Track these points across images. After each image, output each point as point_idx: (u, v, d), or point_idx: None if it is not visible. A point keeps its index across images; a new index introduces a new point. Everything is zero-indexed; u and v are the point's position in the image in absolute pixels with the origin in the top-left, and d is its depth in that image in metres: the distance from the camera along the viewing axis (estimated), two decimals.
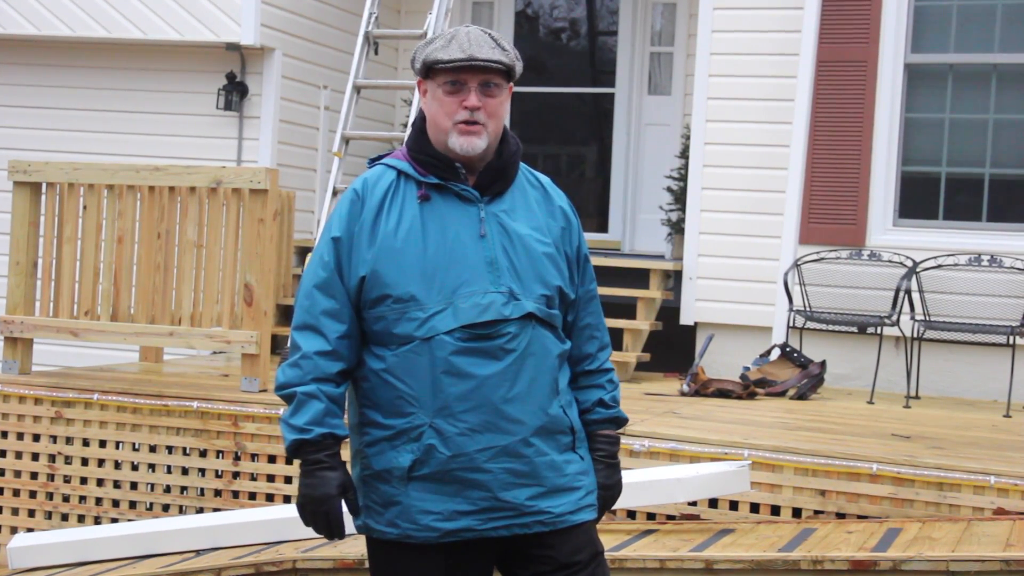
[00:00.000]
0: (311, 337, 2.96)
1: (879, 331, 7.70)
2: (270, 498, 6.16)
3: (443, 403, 2.91)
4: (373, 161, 3.14)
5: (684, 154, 9.26)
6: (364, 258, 2.96)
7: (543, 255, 3.03)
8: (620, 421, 3.21)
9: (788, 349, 7.80)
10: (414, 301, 2.93)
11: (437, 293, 2.92)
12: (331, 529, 2.97)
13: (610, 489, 3.16)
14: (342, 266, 2.98)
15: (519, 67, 3.05)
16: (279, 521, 5.60)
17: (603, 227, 10.13)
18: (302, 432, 2.92)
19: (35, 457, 6.62)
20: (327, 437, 2.93)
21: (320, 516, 2.95)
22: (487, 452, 2.92)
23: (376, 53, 8.60)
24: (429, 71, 3.01)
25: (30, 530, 6.44)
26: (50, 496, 6.57)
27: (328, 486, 2.93)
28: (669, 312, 8.62)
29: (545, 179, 3.19)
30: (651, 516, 5.53)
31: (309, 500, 2.95)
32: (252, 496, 6.22)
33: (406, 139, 3.11)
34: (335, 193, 8.13)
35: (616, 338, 8.21)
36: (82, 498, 6.53)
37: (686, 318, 8.56)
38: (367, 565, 4.80)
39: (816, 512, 5.35)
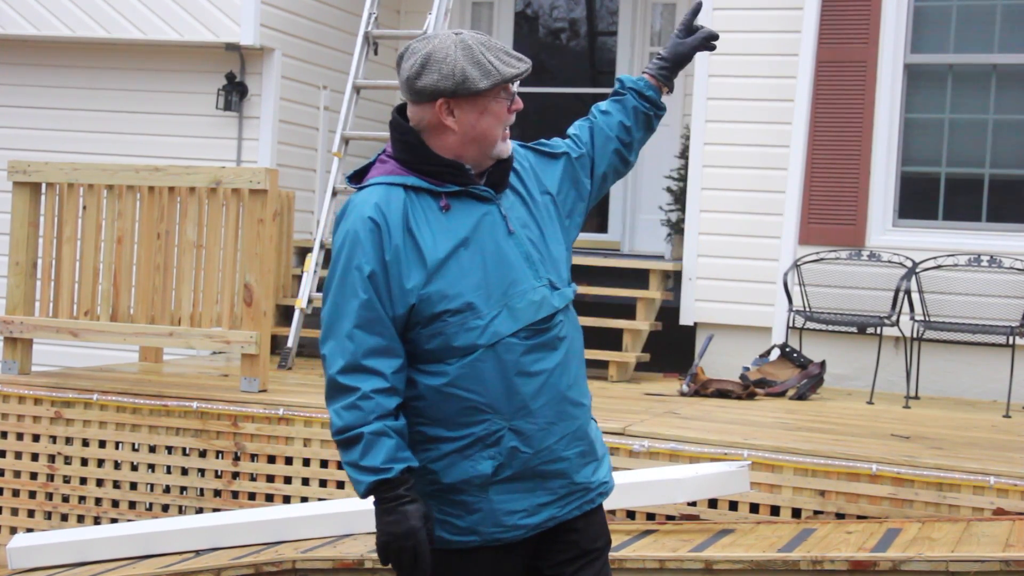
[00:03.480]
0: (365, 378, 2.86)
1: (879, 331, 7.70)
2: (270, 498, 6.16)
3: (520, 404, 2.91)
4: (355, 180, 3.04)
5: (684, 154, 9.26)
6: (412, 283, 2.87)
7: (558, 229, 3.07)
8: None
9: (788, 349, 7.80)
10: (471, 310, 2.88)
11: (490, 298, 2.90)
12: (418, 563, 2.87)
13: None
14: (382, 299, 2.87)
15: None
16: (279, 521, 5.60)
17: (603, 227, 10.13)
18: (381, 472, 2.83)
19: (35, 457, 6.62)
20: (404, 472, 2.86)
21: (407, 552, 2.85)
22: (563, 440, 2.97)
23: (376, 53, 8.61)
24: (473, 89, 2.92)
25: (30, 530, 6.44)
26: (50, 496, 6.57)
27: (413, 519, 2.84)
28: (669, 312, 8.62)
29: None
30: (651, 516, 5.53)
31: (395, 538, 2.85)
32: (252, 496, 6.22)
33: (393, 154, 2.99)
34: (335, 193, 8.14)
35: (616, 338, 8.22)
36: (82, 498, 6.53)
37: (686, 318, 8.56)
38: (367, 565, 4.80)
39: (816, 512, 5.35)
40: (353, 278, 2.88)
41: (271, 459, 6.20)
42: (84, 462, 6.53)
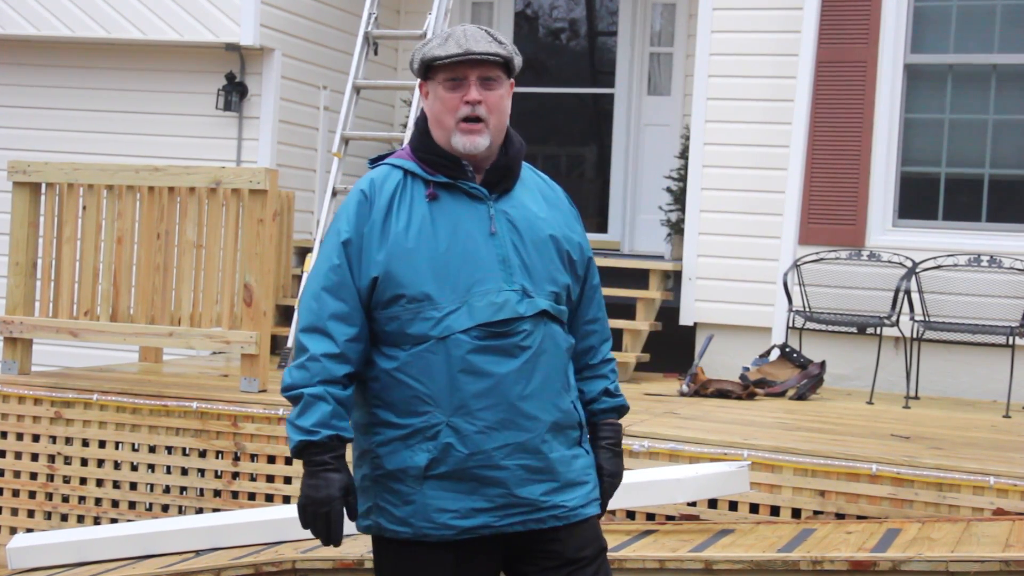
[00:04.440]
0: (319, 340, 2.94)
1: (878, 331, 7.70)
2: (269, 498, 6.16)
3: (461, 402, 2.91)
4: (375, 161, 3.14)
5: (684, 154, 9.26)
6: (375, 259, 2.95)
7: (553, 250, 3.05)
8: (623, 409, 3.26)
9: (787, 349, 7.80)
10: (428, 300, 2.93)
11: (451, 292, 2.93)
12: (330, 532, 2.94)
13: (615, 477, 3.21)
14: (352, 268, 2.97)
15: (518, 61, 3.06)
16: (279, 521, 5.60)
17: (602, 227, 10.13)
18: (309, 433, 2.91)
19: (35, 457, 6.62)
20: (333, 439, 2.92)
21: (321, 518, 2.93)
22: (504, 449, 2.93)
23: (376, 53, 8.61)
24: (428, 70, 3.02)
25: (30, 530, 6.44)
26: (50, 496, 6.57)
27: (332, 487, 2.91)
28: (669, 312, 8.63)
29: (545, 176, 3.23)
30: (650, 516, 5.53)
31: (311, 501, 2.93)
32: (251, 496, 6.22)
33: (409, 139, 3.11)
34: (335, 194, 8.14)
35: (615, 338, 8.20)
36: (82, 498, 6.53)
37: (686, 318, 8.57)
38: (367, 565, 4.79)
39: (815, 512, 5.35)
40: (332, 243, 3.01)
41: (271, 459, 6.20)
42: (84, 462, 6.54)
